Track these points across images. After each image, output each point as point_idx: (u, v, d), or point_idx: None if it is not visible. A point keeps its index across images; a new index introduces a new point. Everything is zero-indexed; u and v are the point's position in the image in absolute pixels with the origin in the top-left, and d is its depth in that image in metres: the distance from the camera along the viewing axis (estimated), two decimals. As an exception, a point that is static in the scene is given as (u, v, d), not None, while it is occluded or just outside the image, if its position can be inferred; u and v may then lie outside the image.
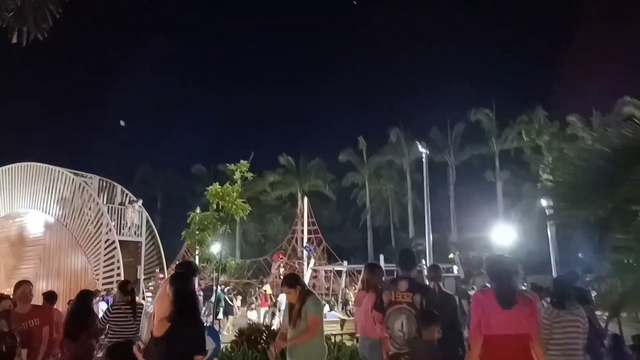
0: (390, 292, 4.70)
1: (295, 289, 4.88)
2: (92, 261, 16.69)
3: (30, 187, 18.46)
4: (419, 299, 4.52)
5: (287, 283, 4.99)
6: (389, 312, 4.65)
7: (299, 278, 5.20)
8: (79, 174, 18.56)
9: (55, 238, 17.68)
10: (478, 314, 3.86)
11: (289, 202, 42.52)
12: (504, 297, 3.75)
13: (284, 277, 5.30)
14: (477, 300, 3.97)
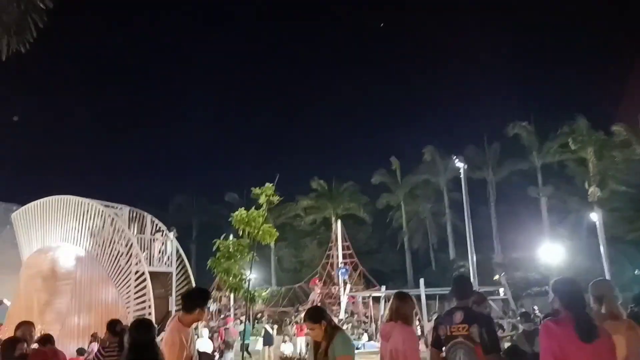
0: (446, 325, 4.23)
1: (320, 325, 4.23)
2: (123, 294, 16.45)
3: (62, 221, 18.51)
4: (477, 331, 4.00)
5: (311, 318, 4.34)
6: (447, 349, 4.19)
7: (324, 312, 4.55)
8: (110, 205, 18.52)
9: (86, 271, 17.57)
10: (553, 350, 3.15)
11: (324, 227, 42.00)
12: (585, 328, 3.11)
13: (306, 311, 4.65)
14: (550, 333, 3.25)
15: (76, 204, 18.16)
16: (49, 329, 17.06)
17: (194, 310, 4.47)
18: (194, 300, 4.56)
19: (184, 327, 4.43)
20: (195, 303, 4.53)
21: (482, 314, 4.68)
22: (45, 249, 19.10)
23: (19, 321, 15.53)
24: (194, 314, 4.48)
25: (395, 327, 4.61)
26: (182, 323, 4.43)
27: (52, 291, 18.46)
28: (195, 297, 4.67)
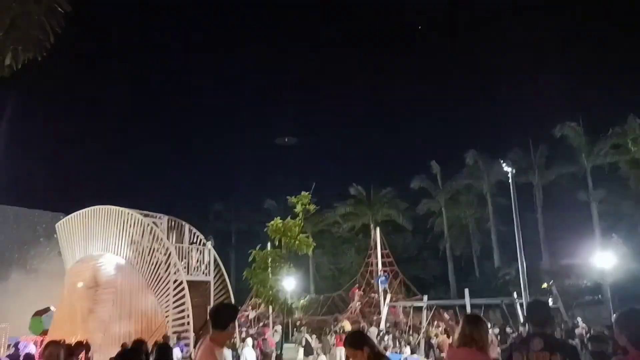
0: (522, 353, 3.90)
1: (362, 351, 3.86)
2: (162, 302, 16.59)
3: (103, 230, 18.92)
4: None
5: (352, 343, 3.96)
6: None
7: (366, 337, 4.20)
8: (149, 214, 18.80)
9: (126, 280, 17.85)
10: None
11: (362, 233, 41.50)
12: None
13: (346, 337, 4.30)
14: None
15: (117, 213, 18.50)
16: (91, 337, 17.41)
17: (226, 328, 4.26)
18: (225, 318, 4.33)
19: (218, 347, 4.21)
20: (227, 320, 4.31)
21: (566, 342, 4.30)
22: (87, 258, 19.55)
23: (62, 329, 15.86)
24: (226, 332, 4.29)
25: (473, 354, 4.14)
26: (215, 342, 4.20)
27: (95, 300, 18.85)
28: (226, 315, 4.41)
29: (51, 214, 27.95)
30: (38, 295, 24.75)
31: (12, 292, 25.54)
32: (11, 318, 21.75)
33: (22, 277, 26.55)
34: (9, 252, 26.41)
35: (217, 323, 4.27)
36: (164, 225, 18.88)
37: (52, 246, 23.59)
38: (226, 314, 4.39)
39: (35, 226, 27.97)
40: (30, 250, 27.30)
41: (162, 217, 19.17)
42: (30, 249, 27.31)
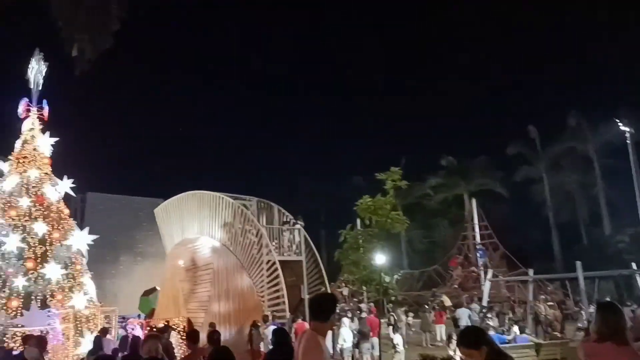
0: None
1: (478, 351, 3.35)
2: (257, 282, 16.87)
3: (198, 214, 19.58)
4: None
5: (466, 342, 3.46)
6: None
7: (484, 334, 3.62)
8: (239, 197, 19.12)
9: (222, 262, 18.38)
10: None
11: (455, 205, 39.99)
12: None
13: (462, 333, 3.73)
14: None
15: (209, 198, 19.02)
16: (194, 317, 18.20)
17: (328, 319, 4.11)
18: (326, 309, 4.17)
19: (322, 337, 4.04)
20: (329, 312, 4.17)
21: None
22: (185, 241, 20.39)
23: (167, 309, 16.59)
24: (329, 322, 4.15)
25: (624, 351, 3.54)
26: (318, 333, 4.03)
27: (194, 281, 19.66)
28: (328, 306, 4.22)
29: (151, 200, 29.58)
30: (144, 276, 26.44)
31: (122, 274, 27.52)
32: (121, 297, 23.39)
33: (130, 259, 28.53)
34: (116, 237, 28.38)
35: (319, 314, 4.12)
36: (253, 207, 19.14)
37: (153, 230, 24.94)
38: (327, 305, 4.22)
39: (137, 212, 29.80)
40: (135, 235, 29.19)
41: (252, 199, 19.43)
42: (135, 233, 29.19)
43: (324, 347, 3.94)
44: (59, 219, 14.95)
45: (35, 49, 16.78)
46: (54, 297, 13.21)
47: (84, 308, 13.68)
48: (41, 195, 14.82)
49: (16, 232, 13.66)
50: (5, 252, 13.33)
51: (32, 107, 16.17)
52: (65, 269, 13.99)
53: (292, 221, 18.76)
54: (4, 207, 14.36)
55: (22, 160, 15.31)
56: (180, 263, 20.41)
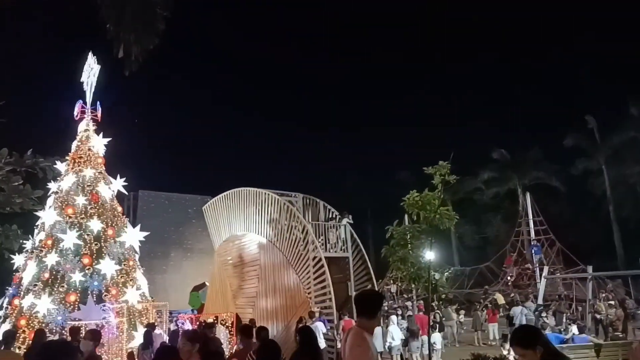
0: None
1: (534, 352, 3.21)
2: (304, 279, 16.96)
3: (245, 211, 19.88)
4: None
5: (521, 341, 3.31)
6: None
7: (539, 333, 3.47)
8: (285, 194, 19.27)
9: (269, 258, 18.59)
10: None
11: (508, 200, 38.84)
12: None
13: (516, 332, 3.58)
14: None
15: (255, 194, 19.26)
16: (242, 313, 18.54)
17: (375, 316, 4.13)
18: (373, 306, 4.18)
19: (369, 334, 4.04)
20: (375, 308, 4.19)
21: None
22: (232, 237, 20.76)
23: (216, 304, 16.96)
24: (375, 319, 4.16)
25: None
26: (364, 330, 4.03)
27: (242, 277, 20.00)
28: (374, 303, 4.24)
29: (199, 197, 30.31)
30: (193, 272, 27.19)
31: (172, 269, 28.37)
32: (172, 292, 24.10)
33: (180, 255, 29.35)
34: (167, 234, 29.27)
35: (365, 311, 4.13)
36: (299, 203, 19.24)
37: (202, 227, 25.55)
38: (373, 302, 4.25)
39: (187, 209, 30.60)
40: (184, 231, 29.99)
41: (297, 196, 19.53)
42: (185, 230, 29.99)
43: (370, 344, 3.91)
44: (113, 216, 15.54)
45: (89, 53, 17.51)
46: (108, 292, 13.75)
47: (136, 303, 14.17)
48: (96, 193, 15.45)
49: (73, 229, 14.30)
50: (63, 248, 13.98)
51: (87, 109, 16.89)
52: (119, 264, 14.53)
53: (339, 217, 18.74)
54: (62, 206, 15.06)
55: (77, 160, 16.02)
56: (228, 261, 20.83)
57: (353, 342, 3.92)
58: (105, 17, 5.60)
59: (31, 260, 14.40)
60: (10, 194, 23.78)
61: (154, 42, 5.53)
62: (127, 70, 6.71)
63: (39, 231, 15.31)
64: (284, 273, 17.81)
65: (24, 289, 13.83)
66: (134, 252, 15.84)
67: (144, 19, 5.25)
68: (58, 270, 13.71)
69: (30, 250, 15.18)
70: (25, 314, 13.10)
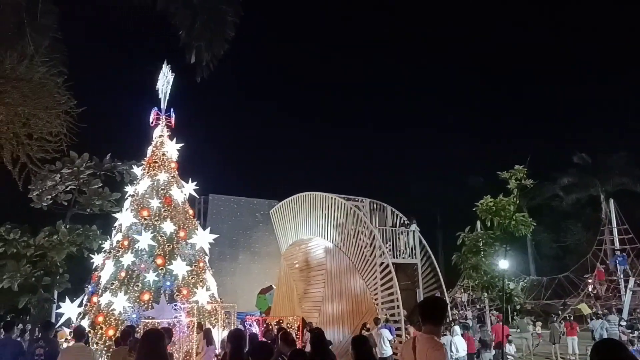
0: None
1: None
2: (370, 285, 16.82)
3: (311, 215, 20.03)
4: None
5: (602, 357, 3.02)
6: None
7: (623, 349, 3.21)
8: (351, 198, 19.22)
9: (335, 262, 18.59)
10: None
11: (590, 207, 36.69)
12: None
13: (596, 346, 3.30)
14: None
15: (322, 199, 19.34)
16: (309, 317, 18.64)
17: (441, 322, 4.13)
18: (439, 313, 4.16)
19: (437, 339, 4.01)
20: (441, 315, 4.20)
21: None
22: (298, 241, 20.97)
23: (283, 308, 17.20)
24: (440, 326, 4.16)
25: None
26: (433, 334, 3.99)
27: (308, 281, 20.14)
28: (440, 309, 4.20)
29: (267, 201, 30.89)
30: (261, 275, 27.71)
31: (240, 272, 29.05)
32: (240, 294, 24.66)
33: (248, 258, 30.00)
34: (235, 237, 30.04)
35: (432, 317, 4.08)
36: (366, 208, 19.13)
37: (269, 231, 26.01)
38: (440, 308, 4.22)
39: (254, 213, 31.27)
40: (252, 235, 30.65)
41: (364, 200, 19.43)
42: (252, 233, 30.64)
43: (445, 352, 3.87)
44: (185, 218, 16.16)
45: (164, 62, 18.39)
46: (180, 292, 14.28)
47: (206, 303, 14.62)
48: (169, 196, 16.13)
49: (148, 230, 15.00)
50: (139, 249, 14.69)
51: (161, 115, 17.71)
52: (190, 265, 15.08)
53: (407, 222, 18.45)
54: (138, 208, 15.84)
55: (152, 165, 16.81)
56: (295, 265, 21.06)
57: (429, 346, 3.86)
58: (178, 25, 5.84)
59: (109, 260, 15.22)
60: (91, 196, 25.46)
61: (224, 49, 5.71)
62: (199, 77, 6.97)
63: (117, 232, 16.16)
64: (350, 278, 17.74)
65: (102, 287, 14.64)
66: (204, 254, 16.37)
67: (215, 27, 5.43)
68: (133, 269, 14.41)
69: (108, 250, 16.05)
70: (102, 310, 13.86)
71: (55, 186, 25.08)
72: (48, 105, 6.11)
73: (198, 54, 5.61)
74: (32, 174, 6.43)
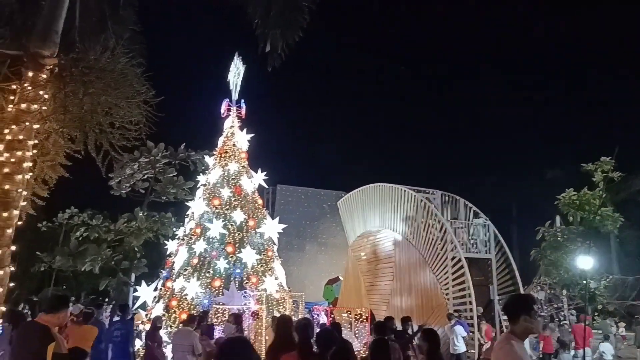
0: None
1: None
2: (441, 279, 16.48)
3: (380, 207, 19.87)
4: None
5: None
6: None
7: None
8: (422, 190, 18.88)
9: (404, 255, 18.37)
10: None
11: (686, 202, 33.93)
12: None
13: None
14: None
15: (390, 190, 19.14)
16: (376, 310, 18.55)
17: (518, 320, 3.89)
18: (519, 310, 3.92)
19: (518, 341, 3.83)
20: (521, 312, 3.92)
21: None
22: (366, 233, 20.88)
23: (350, 299, 17.27)
24: (521, 325, 3.89)
25: None
26: (515, 336, 3.83)
27: (376, 273, 20.03)
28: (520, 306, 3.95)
29: (334, 192, 30.99)
30: (327, 266, 27.90)
31: (307, 262, 29.39)
32: (307, 284, 24.95)
33: (315, 249, 30.30)
34: (302, 228, 30.40)
35: (511, 315, 3.93)
36: (437, 200, 18.72)
37: (337, 222, 26.08)
38: (519, 306, 3.97)
39: (322, 204, 31.49)
40: (319, 226, 30.90)
41: (435, 192, 19.02)
42: (320, 224, 30.89)
43: (517, 350, 3.68)
44: (254, 208, 16.53)
45: (235, 53, 18.80)
46: (249, 280, 14.64)
47: (274, 292, 14.90)
48: (239, 186, 16.55)
49: (219, 219, 15.47)
50: (210, 237, 15.19)
51: (232, 106, 18.15)
52: (259, 254, 15.41)
53: (480, 215, 17.88)
54: (209, 197, 16.37)
55: (223, 155, 17.28)
56: (362, 256, 21.01)
57: (496, 345, 3.85)
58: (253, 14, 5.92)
59: (182, 247, 15.84)
60: (166, 185, 26.67)
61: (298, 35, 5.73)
62: (270, 66, 7.05)
63: (189, 220, 16.78)
64: (420, 272, 17.47)
65: (176, 272, 15.28)
66: (273, 243, 16.67)
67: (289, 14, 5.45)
68: (205, 256, 14.93)
69: (181, 237, 16.71)
70: (176, 295, 14.47)
71: (133, 174, 26.45)
72: (128, 95, 6.39)
73: (273, 42, 5.67)
74: (115, 161, 6.80)
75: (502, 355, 3.68)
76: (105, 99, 6.18)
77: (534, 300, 4.26)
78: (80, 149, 7.09)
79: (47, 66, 5.85)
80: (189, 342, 8.19)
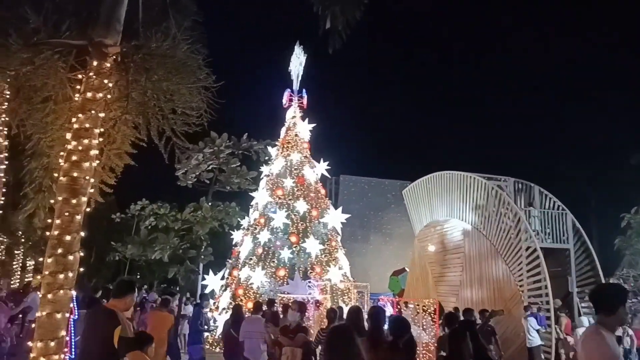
0: None
1: None
2: (515, 270, 15.79)
3: (447, 196, 19.27)
4: None
5: None
6: None
7: None
8: (493, 177, 18.14)
9: (474, 246, 17.73)
10: None
11: None
12: None
13: None
14: None
15: (459, 178, 18.52)
16: (444, 301, 18.09)
17: (614, 312, 3.67)
18: (610, 300, 3.71)
19: (609, 333, 3.64)
20: (613, 302, 3.71)
21: None
22: (433, 223, 20.35)
23: (417, 291, 16.90)
24: (615, 317, 3.71)
25: None
26: (605, 328, 3.62)
27: (444, 264, 19.50)
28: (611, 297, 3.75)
29: (399, 182, 30.48)
30: (392, 257, 27.51)
31: (372, 253, 29.13)
32: (371, 275, 24.74)
33: (379, 239, 29.99)
34: (366, 218, 30.14)
35: (601, 307, 3.73)
36: (509, 188, 17.90)
37: (401, 212, 25.63)
38: (610, 296, 3.76)
39: (386, 194, 31.07)
40: (384, 216, 30.53)
41: (508, 180, 18.19)
42: (384, 215, 30.52)
43: (609, 342, 3.48)
44: (317, 198, 16.51)
45: (296, 43, 18.78)
46: (313, 270, 14.65)
47: (339, 282, 14.83)
48: (302, 176, 16.58)
49: (282, 209, 15.57)
50: (274, 227, 15.32)
51: (294, 96, 18.17)
52: (323, 244, 15.39)
53: (557, 204, 16.96)
54: (272, 187, 16.50)
55: (286, 145, 17.38)
56: (430, 247, 20.52)
57: (584, 339, 3.63)
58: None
59: (247, 236, 16.10)
60: (230, 175, 27.31)
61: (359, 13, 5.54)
62: (332, 48, 6.87)
63: (254, 210, 17.03)
64: (492, 263, 16.81)
65: (241, 262, 15.54)
66: (337, 233, 16.60)
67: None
68: (269, 246, 15.08)
69: (246, 227, 16.98)
70: (242, 284, 14.71)
71: (198, 165, 27.26)
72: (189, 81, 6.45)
73: (333, 19, 5.51)
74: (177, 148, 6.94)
75: (595, 346, 3.46)
76: (166, 85, 6.29)
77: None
78: (144, 137, 7.29)
79: (110, 55, 6.00)
80: (260, 329, 8.42)
